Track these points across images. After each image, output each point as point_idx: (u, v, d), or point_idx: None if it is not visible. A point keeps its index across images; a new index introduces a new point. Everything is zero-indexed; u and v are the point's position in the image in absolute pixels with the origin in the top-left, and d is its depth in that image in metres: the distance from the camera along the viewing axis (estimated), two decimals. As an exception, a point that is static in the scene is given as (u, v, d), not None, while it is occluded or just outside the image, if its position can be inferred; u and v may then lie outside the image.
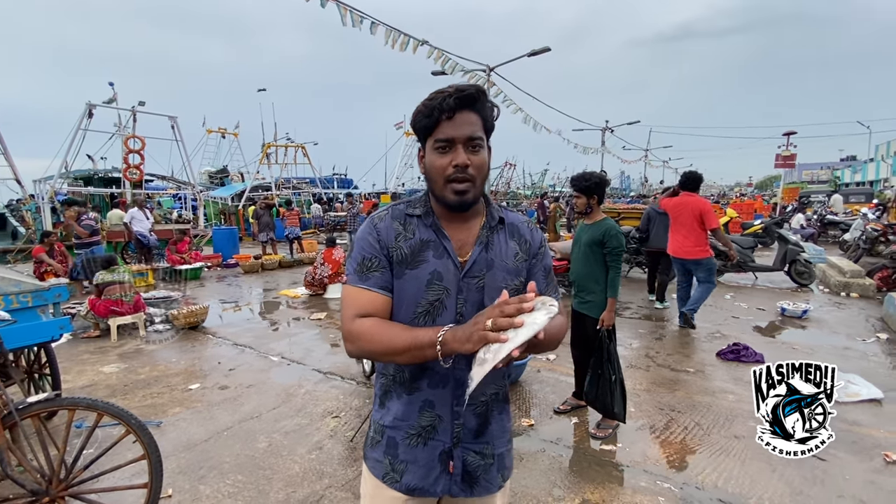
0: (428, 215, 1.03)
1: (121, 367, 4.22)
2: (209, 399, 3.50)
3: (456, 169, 0.94)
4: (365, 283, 1.00)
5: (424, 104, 0.96)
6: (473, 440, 1.05)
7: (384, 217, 1.04)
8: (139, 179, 13.57)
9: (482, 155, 0.97)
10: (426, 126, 0.96)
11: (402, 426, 1.05)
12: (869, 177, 36.60)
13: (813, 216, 14.28)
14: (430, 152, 0.98)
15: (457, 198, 0.96)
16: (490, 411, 1.07)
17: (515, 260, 1.06)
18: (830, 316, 5.53)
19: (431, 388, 1.03)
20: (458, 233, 1.03)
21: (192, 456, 2.71)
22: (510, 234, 1.07)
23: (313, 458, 2.67)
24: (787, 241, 7.21)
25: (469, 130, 0.94)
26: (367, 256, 1.01)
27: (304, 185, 24.00)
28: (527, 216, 1.18)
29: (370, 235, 1.02)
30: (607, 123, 23.32)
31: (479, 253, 1.01)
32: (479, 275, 1.01)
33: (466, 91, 0.95)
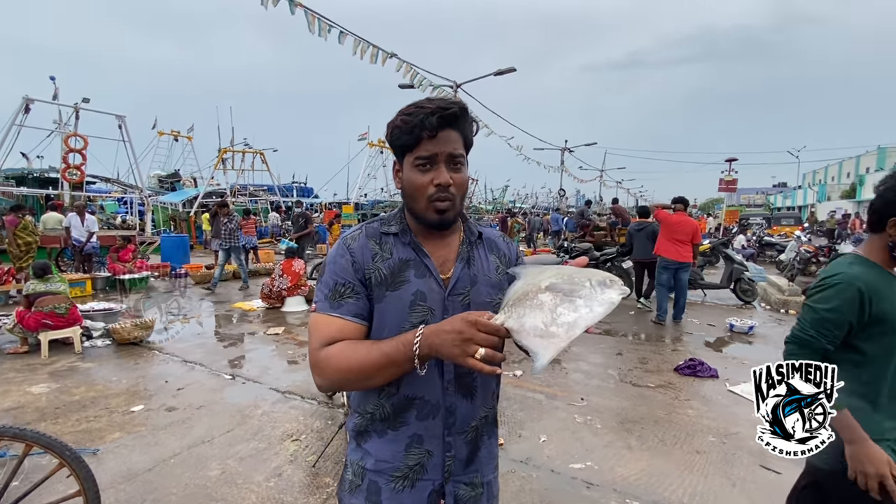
0: (405, 233, 0.98)
1: (52, 387, 3.82)
2: (154, 422, 3.22)
3: (438, 188, 0.91)
4: (336, 311, 0.92)
5: (404, 120, 0.92)
6: (464, 471, 0.99)
7: (357, 237, 0.98)
8: (80, 181, 12.61)
9: (463, 173, 0.95)
10: (406, 143, 0.93)
11: (386, 469, 0.96)
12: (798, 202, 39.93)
13: (752, 237, 15.33)
14: (409, 169, 0.94)
15: (438, 217, 0.93)
16: (480, 437, 1.02)
17: (497, 274, 1.03)
18: (773, 332, 5.89)
19: (420, 420, 0.95)
20: (438, 250, 0.99)
21: (133, 488, 2.46)
22: (489, 249, 1.05)
23: (272, 485, 2.49)
24: (733, 261, 7.66)
25: (451, 148, 0.92)
26: (340, 281, 0.94)
27: (262, 192, 23.24)
28: (510, 239, 1.19)
29: (343, 258, 0.95)
30: (566, 144, 24.18)
31: (461, 269, 0.98)
32: (463, 292, 0.97)
33: (450, 110, 0.92)
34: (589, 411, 3.46)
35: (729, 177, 16.24)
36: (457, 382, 0.96)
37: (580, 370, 4.37)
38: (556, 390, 3.87)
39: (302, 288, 7.04)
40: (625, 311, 6.93)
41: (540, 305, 0.74)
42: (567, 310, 0.72)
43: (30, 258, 7.57)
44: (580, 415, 3.39)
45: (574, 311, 0.72)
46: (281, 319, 6.31)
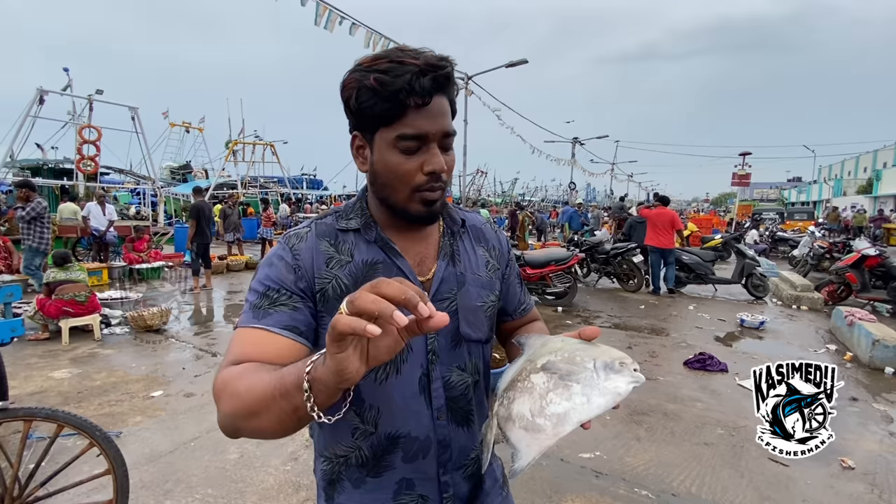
0: (369, 228, 0.78)
1: (73, 372, 3.94)
2: (174, 407, 3.32)
3: (431, 177, 0.71)
4: (261, 321, 0.68)
5: (380, 80, 0.66)
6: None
7: (305, 235, 0.76)
8: (94, 172, 12.82)
9: (453, 153, 0.75)
10: (383, 113, 0.68)
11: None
12: (812, 197, 39.31)
13: (765, 232, 15.16)
14: (386, 150, 0.71)
15: (426, 209, 0.73)
16: (482, 466, 0.83)
17: (488, 271, 0.85)
18: (784, 327, 5.86)
19: (408, 461, 0.76)
20: (414, 245, 0.79)
21: (156, 469, 2.55)
22: (476, 240, 0.87)
23: (288, 469, 2.57)
24: (745, 256, 7.60)
25: (445, 123, 0.71)
26: (274, 287, 0.71)
27: (273, 184, 23.39)
28: (495, 223, 1.01)
29: (282, 260, 0.74)
30: (577, 139, 24.00)
31: (445, 268, 0.79)
32: (448, 296, 0.78)
33: (444, 68, 0.69)
34: (598, 403, 3.49)
35: (742, 171, 15.99)
36: (449, 409, 0.78)
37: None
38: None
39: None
40: (635, 305, 6.92)
41: (530, 389, 0.60)
42: (559, 397, 0.57)
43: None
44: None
45: (567, 399, 0.57)
46: (293, 310, 6.40)
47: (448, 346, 0.79)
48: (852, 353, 4.70)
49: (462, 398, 0.80)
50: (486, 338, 0.86)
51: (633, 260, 7.95)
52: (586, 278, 8.59)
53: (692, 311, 6.66)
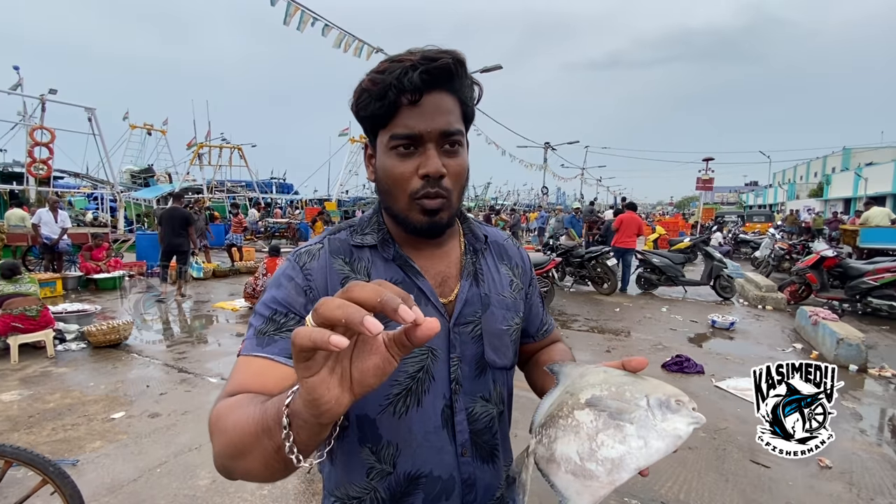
0: (386, 245, 0.72)
1: (24, 394, 3.64)
2: (137, 430, 3.09)
3: (426, 181, 0.65)
4: (265, 349, 0.62)
5: (373, 79, 0.64)
6: None
7: (318, 253, 0.71)
8: (46, 175, 12.09)
9: (461, 157, 0.68)
10: (376, 113, 0.65)
11: None
12: (769, 200, 41.33)
13: (728, 235, 15.76)
14: (384, 153, 0.67)
15: (426, 219, 0.67)
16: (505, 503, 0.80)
17: (512, 291, 0.79)
18: (753, 328, 6.05)
19: (432, 503, 0.70)
20: (434, 263, 0.73)
21: (118, 500, 2.35)
22: (499, 257, 0.81)
23: (265, 493, 2.42)
24: (713, 258, 7.84)
25: (443, 122, 0.64)
26: (281, 311, 0.65)
27: (240, 188, 22.72)
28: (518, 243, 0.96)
29: (291, 281, 0.67)
30: (549, 143, 24.39)
31: (468, 289, 0.74)
32: (473, 319, 0.73)
33: (439, 61, 0.63)
34: (581, 409, 3.48)
35: (706, 175, 16.63)
36: (474, 444, 0.72)
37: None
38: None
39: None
40: (610, 308, 7.02)
41: (576, 428, 0.53)
42: (612, 439, 0.51)
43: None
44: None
45: (621, 441, 0.50)
46: (265, 319, 6.16)
47: (472, 375, 0.73)
48: (818, 351, 4.88)
49: (487, 431, 0.74)
50: (511, 364, 0.80)
51: (607, 263, 8.09)
52: (562, 282, 8.67)
53: (665, 312, 6.80)
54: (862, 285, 6.52)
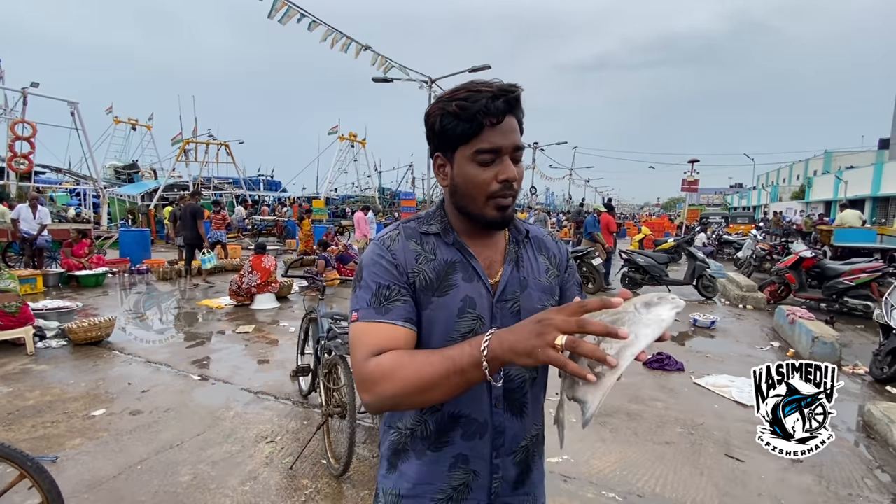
0: (448, 232, 0.89)
1: (3, 391, 3.58)
2: (118, 427, 3.07)
3: (504, 184, 0.82)
4: (384, 317, 0.80)
5: (461, 105, 0.80)
6: (512, 492, 0.92)
7: (396, 237, 0.88)
8: (27, 170, 11.85)
9: (522, 166, 0.87)
10: (463, 132, 0.81)
11: (427, 491, 0.87)
12: (753, 202, 42.06)
13: (712, 235, 16.03)
14: (465, 163, 0.83)
15: (500, 214, 0.85)
16: (531, 457, 0.94)
17: (548, 277, 0.95)
18: (733, 326, 6.18)
19: (466, 439, 0.87)
20: (484, 251, 0.90)
21: (97, 496, 2.34)
22: (538, 249, 0.97)
23: (247, 489, 2.42)
24: (696, 258, 7.98)
25: (515, 138, 0.83)
26: (384, 284, 0.83)
27: (227, 185, 22.47)
28: (559, 238, 1.09)
29: (383, 259, 0.85)
30: (536, 144, 24.54)
31: (510, 272, 0.90)
32: (512, 297, 0.88)
33: (515, 92, 0.81)
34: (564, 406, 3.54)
35: (691, 177, 16.87)
36: (506, 399, 0.88)
37: (555, 368, 4.46)
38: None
39: (272, 285, 6.86)
40: (595, 307, 7.11)
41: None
42: (609, 343, 0.62)
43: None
44: (555, 410, 3.46)
45: (617, 340, 0.62)
46: (250, 317, 6.13)
47: None
48: (794, 349, 5.02)
49: (519, 391, 0.90)
50: None
51: (592, 263, 8.18)
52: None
53: (649, 312, 6.91)
54: (838, 285, 6.70)
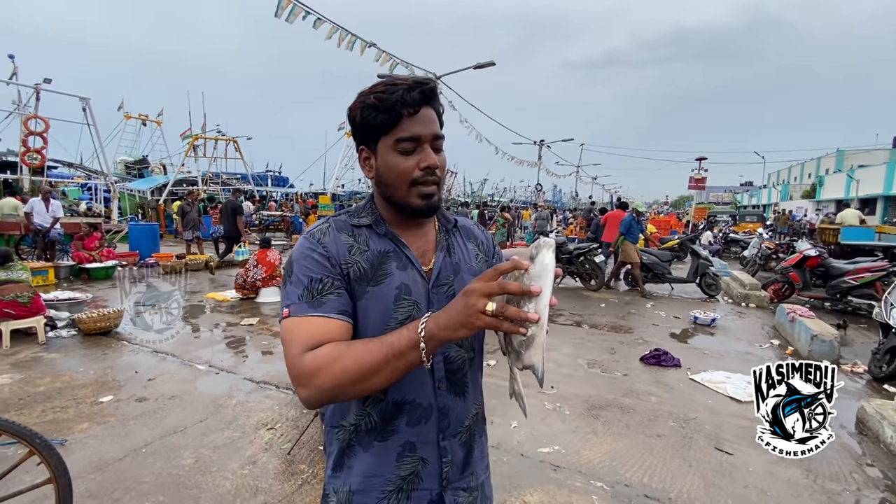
0: (379, 224, 0.91)
1: (15, 377, 3.71)
2: (124, 413, 3.18)
3: (425, 171, 0.85)
4: (317, 310, 0.81)
5: (379, 98, 0.83)
6: (461, 476, 0.93)
7: (327, 230, 0.89)
8: (40, 165, 12.09)
9: (444, 155, 0.89)
10: (383, 123, 0.84)
11: (376, 484, 0.87)
12: (763, 201, 41.57)
13: (718, 234, 15.92)
14: (387, 153, 0.85)
15: (424, 202, 0.87)
16: (473, 436, 0.96)
17: (478, 262, 0.99)
18: (734, 324, 6.18)
19: (412, 426, 0.87)
20: (416, 240, 0.93)
21: (104, 477, 2.44)
22: (466, 237, 1.01)
23: (246, 473, 2.51)
24: (699, 256, 7.97)
25: (434, 128, 0.86)
26: (316, 277, 0.83)
27: (235, 180, 22.67)
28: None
29: (315, 252, 0.85)
30: (543, 141, 24.46)
31: (443, 259, 0.93)
32: (447, 282, 0.91)
33: (429, 84, 0.85)
34: (558, 399, 3.59)
35: (698, 175, 16.76)
36: (448, 381, 0.90)
37: (552, 360, 4.51)
38: (527, 378, 3.98)
39: (277, 279, 6.97)
40: (596, 304, 7.14)
41: None
42: (525, 302, 0.68)
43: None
44: (550, 402, 3.52)
45: (528, 301, 0.68)
46: (255, 310, 6.25)
47: None
48: (793, 347, 5.02)
49: (459, 371, 0.92)
50: None
51: (595, 260, 8.20)
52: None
53: (650, 308, 6.93)
54: (843, 284, 6.67)
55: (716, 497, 2.42)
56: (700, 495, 2.43)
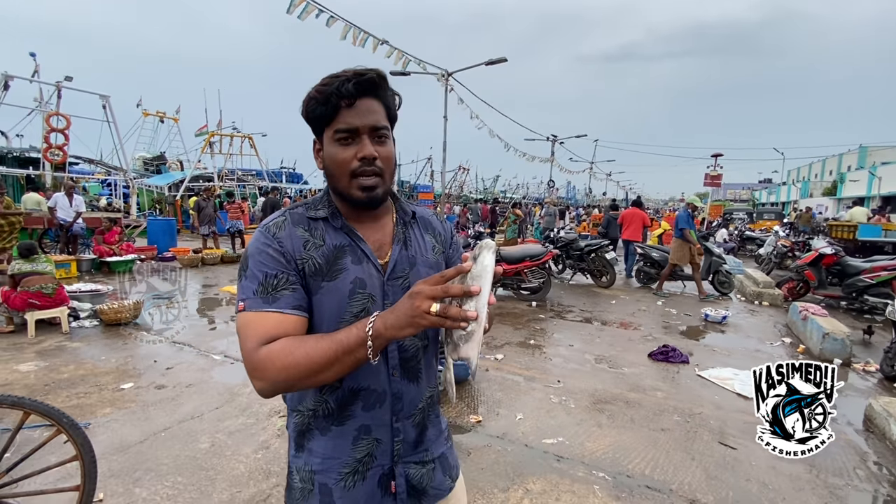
0: (335, 217, 0.91)
1: (40, 365, 3.88)
2: (144, 399, 3.32)
3: (363, 161, 0.85)
4: (273, 306, 0.82)
5: (318, 90, 0.85)
6: (413, 452, 0.97)
7: (283, 224, 0.89)
8: (62, 161, 12.43)
9: (389, 146, 0.89)
10: (322, 114, 0.86)
11: (334, 466, 0.90)
12: (782, 198, 40.71)
13: (734, 231, 15.69)
14: (329, 144, 0.87)
15: (364, 194, 0.87)
16: (427, 417, 0.99)
17: (434, 254, 1.00)
18: (745, 322, 6.14)
19: (367, 410, 0.91)
20: (373, 233, 0.94)
21: (125, 458, 2.57)
22: (424, 228, 1.02)
23: (259, 457, 2.62)
24: (712, 254, 7.89)
25: (373, 119, 0.86)
26: (271, 273, 0.84)
27: (251, 177, 23.00)
28: (444, 216, 1.13)
29: (269, 247, 0.85)
30: (556, 137, 24.29)
31: (399, 252, 0.94)
32: (402, 275, 0.93)
33: (366, 75, 0.85)
34: (564, 392, 3.63)
35: (714, 171, 16.51)
36: (402, 368, 0.93)
37: (559, 355, 4.55)
38: (534, 373, 4.04)
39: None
40: (607, 300, 7.13)
41: None
42: (468, 301, 0.73)
43: (13, 238, 7.51)
44: (556, 395, 3.57)
45: (469, 299, 0.72)
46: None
47: None
48: (805, 345, 4.97)
49: (413, 359, 0.95)
50: None
51: (606, 257, 8.17)
52: (561, 274, 8.79)
53: (660, 306, 6.90)
54: (859, 283, 6.56)
55: (717, 489, 2.45)
56: (701, 487, 2.46)
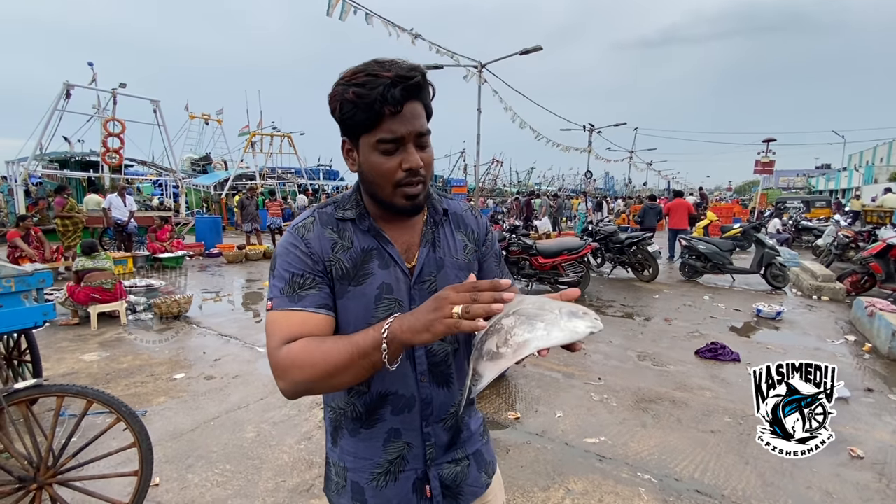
0: (363, 218, 0.88)
1: (102, 355, 4.15)
2: (195, 389, 3.48)
3: (409, 173, 0.81)
4: (297, 304, 0.81)
5: (358, 94, 0.77)
6: (445, 453, 0.95)
7: (311, 225, 0.87)
8: (118, 164, 13.22)
9: (430, 150, 0.85)
10: (363, 122, 0.79)
11: (365, 466, 0.90)
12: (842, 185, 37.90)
13: (788, 221, 14.74)
14: (370, 152, 0.82)
15: (409, 203, 0.84)
16: (460, 420, 0.97)
17: (465, 254, 0.96)
18: (802, 318, 5.75)
19: (396, 414, 0.89)
20: (402, 234, 0.90)
21: (178, 445, 2.70)
22: (456, 226, 0.97)
23: (302, 448, 2.69)
24: (764, 245, 7.44)
25: (418, 125, 0.80)
26: (298, 273, 0.83)
27: (290, 175, 23.71)
28: (479, 211, 1.07)
29: (297, 248, 0.84)
30: (593, 126, 23.58)
31: (426, 254, 0.90)
32: (429, 278, 0.90)
33: (413, 79, 0.78)
34: (605, 390, 3.53)
35: (766, 158, 15.52)
36: (431, 373, 0.91)
37: (599, 351, 4.42)
38: (573, 370, 3.95)
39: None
40: (649, 295, 6.88)
41: (499, 329, 0.67)
42: (523, 330, 0.65)
43: (77, 237, 8.07)
44: (597, 393, 3.47)
45: (529, 332, 0.64)
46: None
47: None
48: (871, 344, 4.60)
49: (443, 364, 0.92)
50: None
51: (648, 249, 7.86)
52: (601, 268, 8.54)
53: (707, 300, 6.58)
54: (933, 276, 6.02)
55: (774, 496, 2.30)
56: (756, 493, 2.32)
